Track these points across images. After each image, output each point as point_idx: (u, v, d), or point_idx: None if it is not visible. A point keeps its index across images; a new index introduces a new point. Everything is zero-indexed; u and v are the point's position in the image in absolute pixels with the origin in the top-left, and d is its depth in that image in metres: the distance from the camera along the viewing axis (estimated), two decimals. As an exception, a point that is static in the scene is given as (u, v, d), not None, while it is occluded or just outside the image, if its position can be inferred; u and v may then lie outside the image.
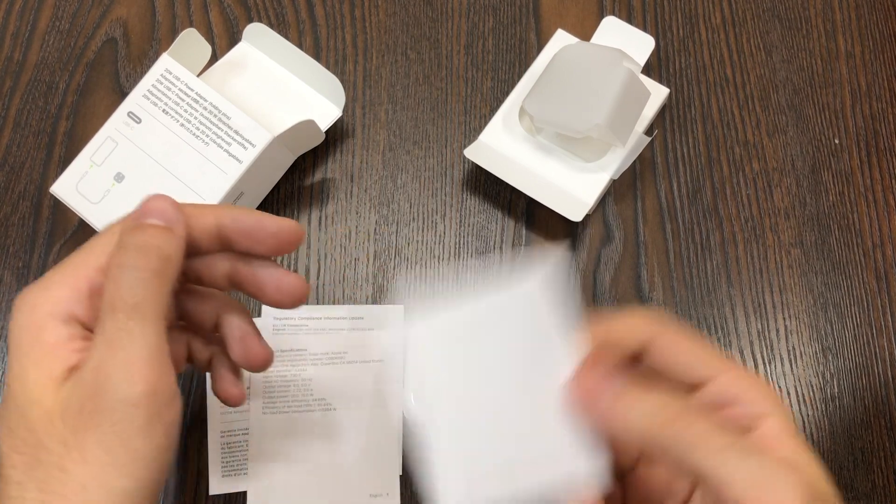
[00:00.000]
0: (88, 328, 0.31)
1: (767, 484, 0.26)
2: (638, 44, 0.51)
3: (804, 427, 0.45)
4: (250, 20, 0.53)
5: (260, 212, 0.34)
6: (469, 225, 0.49)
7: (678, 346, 0.30)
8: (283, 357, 0.45)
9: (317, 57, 0.53)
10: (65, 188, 0.44)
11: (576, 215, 0.45)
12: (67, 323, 0.30)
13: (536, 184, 0.47)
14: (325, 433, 0.44)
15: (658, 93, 0.50)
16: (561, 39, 0.51)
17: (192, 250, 0.33)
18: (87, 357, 0.29)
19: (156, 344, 0.30)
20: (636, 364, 0.32)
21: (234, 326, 0.35)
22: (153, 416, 0.29)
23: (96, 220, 0.44)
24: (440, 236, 0.49)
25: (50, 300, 0.30)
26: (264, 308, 0.45)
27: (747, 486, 0.26)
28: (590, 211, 0.47)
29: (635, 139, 0.47)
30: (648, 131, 0.49)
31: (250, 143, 0.44)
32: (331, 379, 0.45)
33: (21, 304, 0.31)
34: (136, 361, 0.29)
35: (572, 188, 0.47)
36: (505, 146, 0.48)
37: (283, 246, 0.33)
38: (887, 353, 0.47)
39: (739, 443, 0.27)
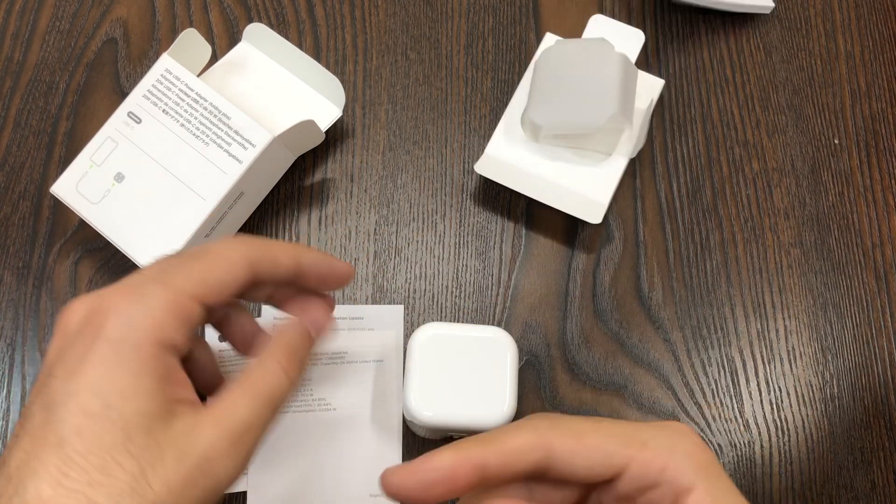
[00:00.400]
0: (178, 354, 0.31)
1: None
2: (628, 39, 0.51)
3: (804, 427, 0.45)
4: (250, 20, 0.53)
5: (328, 255, 0.36)
6: (469, 225, 0.49)
7: (581, 447, 0.27)
8: None
9: (317, 57, 0.53)
10: (65, 188, 0.44)
11: (594, 217, 0.46)
12: (169, 352, 0.30)
13: (550, 190, 0.47)
14: (325, 433, 0.44)
15: (654, 85, 0.50)
16: (551, 43, 0.51)
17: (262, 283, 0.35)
18: (201, 426, 0.30)
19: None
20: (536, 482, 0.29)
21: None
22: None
23: (96, 220, 0.44)
24: (440, 236, 0.49)
25: (157, 327, 0.30)
26: (264, 308, 0.45)
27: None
28: (606, 210, 0.47)
29: (641, 115, 0.47)
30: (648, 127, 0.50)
31: (250, 144, 0.44)
32: (331, 379, 0.45)
33: (122, 316, 0.30)
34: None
35: (586, 190, 0.47)
36: (512, 156, 0.48)
37: (342, 285, 0.37)
38: (887, 353, 0.47)
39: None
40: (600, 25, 0.52)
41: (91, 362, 0.29)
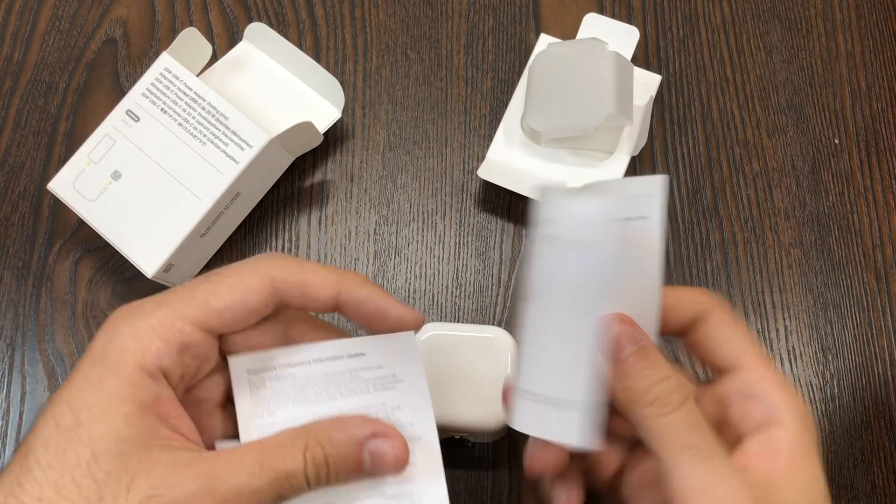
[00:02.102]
0: (171, 383, 0.29)
1: (702, 491, 0.27)
2: (623, 36, 0.51)
3: (804, 427, 0.45)
4: (250, 20, 0.53)
5: (386, 295, 0.32)
6: (469, 225, 0.49)
7: (727, 327, 0.32)
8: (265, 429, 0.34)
9: (317, 57, 0.53)
10: (62, 185, 0.44)
11: None
12: (156, 380, 0.28)
13: None
14: None
15: (651, 81, 0.50)
16: (545, 45, 0.51)
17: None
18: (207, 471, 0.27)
19: None
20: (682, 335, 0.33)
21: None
22: None
23: (93, 217, 0.44)
24: (440, 236, 0.49)
25: (141, 349, 0.28)
26: (231, 360, 0.33)
27: (686, 486, 0.27)
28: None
29: (640, 112, 0.47)
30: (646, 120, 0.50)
31: (248, 144, 0.44)
32: None
33: (112, 339, 0.29)
34: None
35: None
36: (513, 159, 0.48)
37: (401, 330, 0.32)
38: (887, 353, 0.47)
39: (699, 446, 0.28)
40: (594, 24, 0.52)
41: (74, 375, 0.28)
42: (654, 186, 0.30)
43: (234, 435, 0.32)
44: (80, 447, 0.26)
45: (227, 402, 0.32)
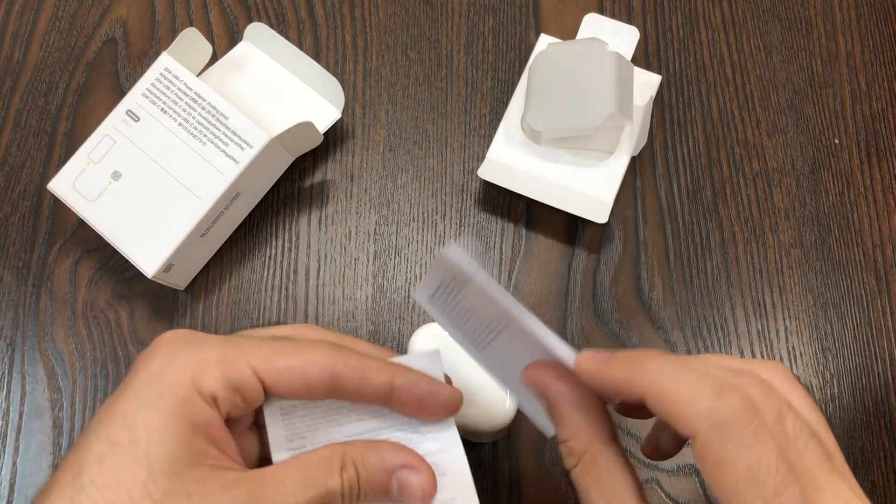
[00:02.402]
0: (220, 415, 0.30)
1: (688, 388, 0.26)
2: (623, 36, 0.51)
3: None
4: (250, 20, 0.53)
5: (431, 378, 0.33)
6: (469, 225, 0.49)
7: (709, 466, 0.25)
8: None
9: (317, 57, 0.53)
10: (62, 185, 0.44)
11: (600, 217, 0.46)
12: (209, 404, 0.29)
13: (554, 191, 0.47)
14: None
15: (651, 81, 0.50)
16: (545, 45, 0.51)
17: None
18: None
19: None
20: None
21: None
22: None
23: (92, 217, 0.44)
24: (440, 236, 0.49)
25: (201, 374, 0.29)
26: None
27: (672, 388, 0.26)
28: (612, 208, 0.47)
29: (640, 112, 0.47)
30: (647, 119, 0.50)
31: (248, 144, 0.44)
32: None
33: (173, 359, 0.29)
34: None
35: (590, 190, 0.47)
36: (514, 159, 0.48)
37: (446, 414, 0.33)
38: (887, 353, 0.47)
39: (677, 360, 0.27)
40: (594, 24, 0.52)
41: (126, 393, 0.28)
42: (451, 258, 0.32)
43: (263, 456, 0.33)
44: (136, 466, 0.26)
45: (254, 425, 0.33)
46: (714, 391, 0.25)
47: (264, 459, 0.32)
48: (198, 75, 0.48)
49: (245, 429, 0.32)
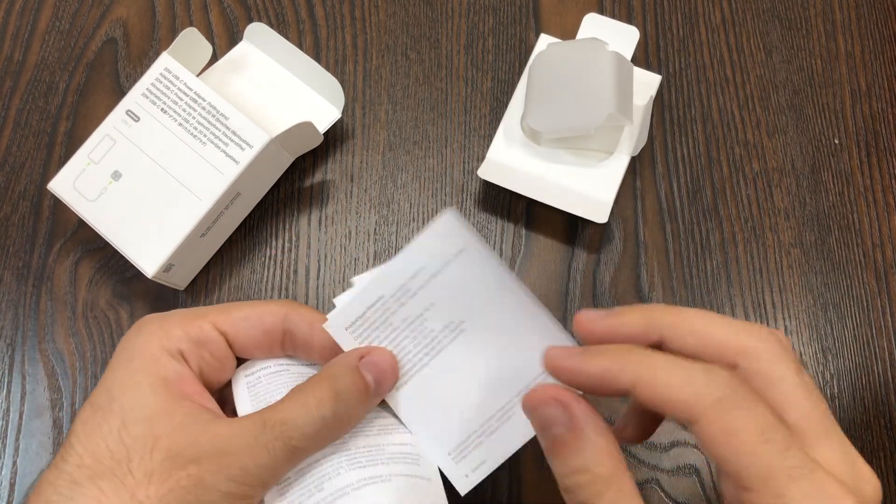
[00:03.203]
0: (190, 369, 0.33)
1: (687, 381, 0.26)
2: (623, 36, 0.51)
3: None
4: (250, 20, 0.53)
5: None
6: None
7: (718, 445, 0.25)
8: None
9: (317, 57, 0.53)
10: (62, 185, 0.44)
11: (600, 216, 0.45)
12: (176, 359, 0.32)
13: (554, 191, 0.47)
14: None
15: (651, 81, 0.50)
16: (545, 45, 0.51)
17: None
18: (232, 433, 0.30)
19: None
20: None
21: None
22: None
23: (93, 217, 0.44)
24: (440, 236, 0.49)
25: (165, 335, 0.32)
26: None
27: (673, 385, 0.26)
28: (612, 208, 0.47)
29: (640, 112, 0.48)
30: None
31: (248, 144, 0.44)
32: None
33: (140, 328, 0.33)
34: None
35: (590, 190, 0.47)
36: (514, 159, 0.48)
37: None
38: (887, 353, 0.47)
39: (655, 351, 0.27)
40: (594, 24, 0.52)
41: (109, 364, 0.32)
42: (447, 224, 0.32)
43: None
44: (112, 418, 0.30)
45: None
46: (704, 371, 0.26)
47: None
48: (198, 75, 0.48)
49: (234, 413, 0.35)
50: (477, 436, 0.34)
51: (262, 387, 0.35)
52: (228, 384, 0.35)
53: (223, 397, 0.35)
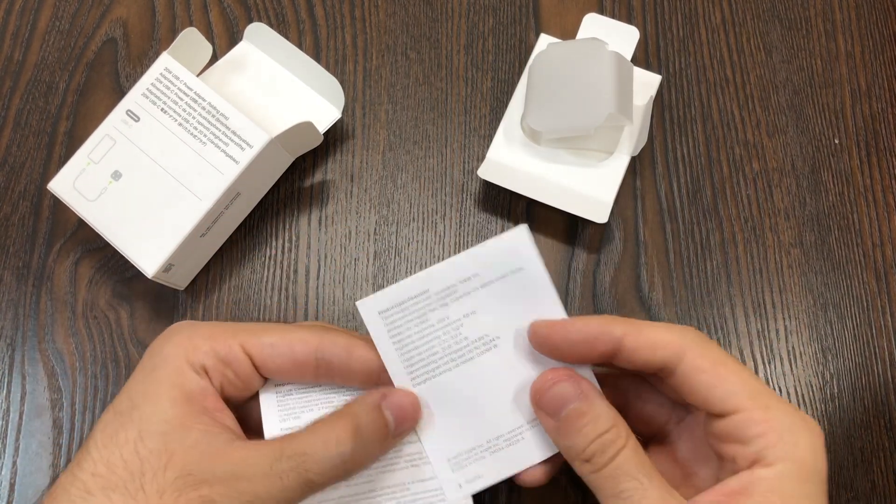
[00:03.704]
0: (213, 386, 0.32)
1: None
2: (623, 36, 0.51)
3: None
4: (250, 20, 0.53)
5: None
6: (469, 225, 0.49)
7: (706, 373, 0.30)
8: None
9: (317, 57, 0.53)
10: (62, 185, 0.44)
11: (600, 217, 0.45)
12: (199, 374, 0.32)
13: (554, 192, 0.47)
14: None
15: (651, 81, 0.50)
16: (545, 45, 0.51)
17: None
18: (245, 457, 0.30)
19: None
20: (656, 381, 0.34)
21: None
22: None
23: (93, 217, 0.44)
24: (440, 236, 0.49)
25: (192, 347, 0.32)
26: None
27: None
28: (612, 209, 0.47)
29: (640, 112, 0.48)
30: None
31: (248, 144, 0.44)
32: None
33: (169, 337, 0.33)
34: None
35: (590, 190, 0.47)
36: (514, 159, 0.48)
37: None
38: (887, 353, 0.47)
39: (628, 492, 0.29)
40: (594, 24, 0.52)
41: (134, 371, 0.32)
42: (518, 239, 0.32)
43: None
44: (130, 428, 0.29)
45: None
46: (679, 326, 0.31)
47: None
48: (198, 75, 0.48)
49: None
50: (482, 450, 0.34)
51: (292, 400, 0.34)
52: (251, 400, 0.35)
53: (245, 414, 0.34)
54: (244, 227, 0.49)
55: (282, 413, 0.34)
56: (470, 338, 0.34)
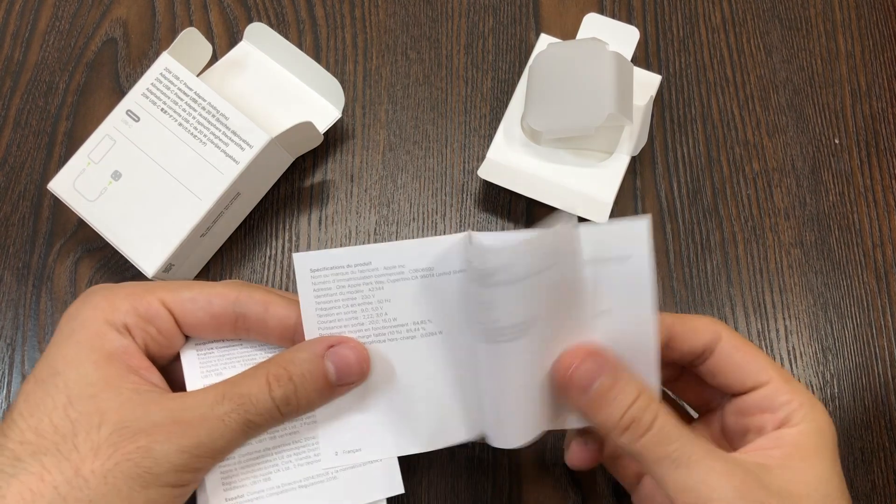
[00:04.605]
0: (137, 344, 0.32)
1: (687, 492, 0.29)
2: (623, 36, 0.51)
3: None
4: (250, 20, 0.53)
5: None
6: (469, 225, 0.49)
7: (741, 352, 0.33)
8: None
9: (317, 57, 0.53)
10: (62, 185, 0.44)
11: (600, 217, 0.45)
12: (121, 333, 0.31)
13: (554, 192, 0.47)
14: None
15: (652, 81, 0.50)
16: (545, 45, 0.51)
17: None
18: (173, 407, 0.30)
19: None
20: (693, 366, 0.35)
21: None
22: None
23: (93, 217, 0.44)
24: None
25: (110, 307, 0.32)
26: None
27: (673, 491, 0.29)
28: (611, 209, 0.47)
29: (640, 112, 0.48)
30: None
31: (248, 144, 0.44)
32: None
33: (86, 300, 0.32)
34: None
35: (590, 190, 0.47)
36: (514, 159, 0.48)
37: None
38: (887, 353, 0.47)
39: (675, 454, 0.29)
40: (594, 24, 0.52)
41: (52, 338, 0.31)
42: (638, 230, 0.32)
43: None
44: (56, 393, 0.29)
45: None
46: (706, 317, 0.34)
47: None
48: (198, 75, 0.48)
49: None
50: (373, 424, 0.34)
51: (214, 357, 0.34)
52: (175, 360, 0.34)
53: (169, 377, 0.34)
54: (244, 227, 0.49)
55: (203, 370, 0.34)
56: (399, 320, 0.34)
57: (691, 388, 0.38)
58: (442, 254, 0.33)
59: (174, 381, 0.34)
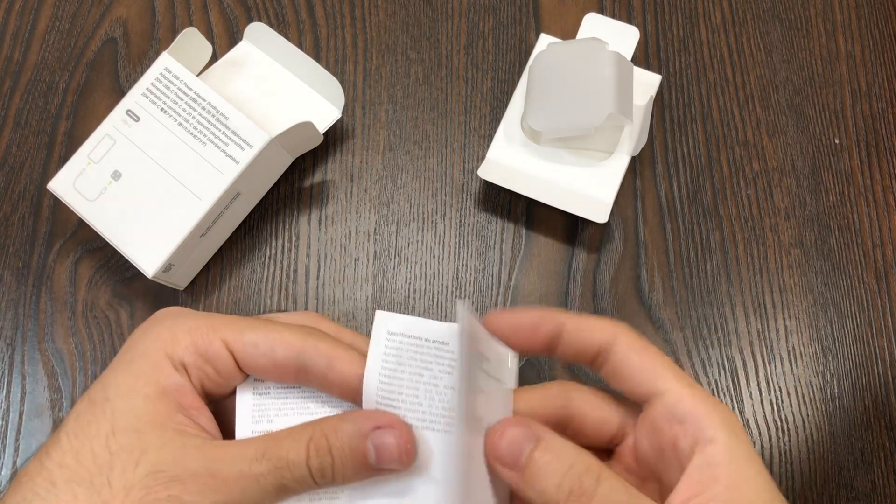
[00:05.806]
0: (192, 383, 0.31)
1: None
2: (623, 36, 0.51)
3: (804, 427, 0.45)
4: (250, 20, 0.53)
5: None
6: (469, 225, 0.49)
7: (635, 354, 0.31)
8: None
9: (317, 57, 0.53)
10: (62, 185, 0.44)
11: (600, 216, 0.45)
12: (178, 370, 0.31)
13: (554, 192, 0.47)
14: None
15: (652, 81, 0.50)
16: (545, 45, 0.51)
17: None
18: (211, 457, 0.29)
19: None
20: (596, 368, 0.33)
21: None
22: None
23: (92, 217, 0.44)
24: (440, 236, 0.49)
25: (172, 341, 0.31)
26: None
27: None
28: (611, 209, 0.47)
29: (641, 111, 0.48)
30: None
31: (248, 144, 0.44)
32: None
33: (150, 328, 0.32)
34: None
35: (590, 190, 0.47)
36: (514, 159, 0.48)
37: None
38: (887, 353, 0.47)
39: None
40: (594, 24, 0.52)
41: (113, 360, 0.31)
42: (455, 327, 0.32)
43: None
44: (103, 420, 0.29)
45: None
46: (611, 319, 0.33)
47: None
48: (198, 75, 0.48)
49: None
50: None
51: (269, 401, 0.33)
52: (232, 394, 0.33)
53: (222, 409, 0.33)
54: (244, 227, 0.49)
55: (256, 415, 0.33)
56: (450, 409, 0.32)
57: (599, 405, 0.35)
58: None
59: (226, 413, 0.33)
